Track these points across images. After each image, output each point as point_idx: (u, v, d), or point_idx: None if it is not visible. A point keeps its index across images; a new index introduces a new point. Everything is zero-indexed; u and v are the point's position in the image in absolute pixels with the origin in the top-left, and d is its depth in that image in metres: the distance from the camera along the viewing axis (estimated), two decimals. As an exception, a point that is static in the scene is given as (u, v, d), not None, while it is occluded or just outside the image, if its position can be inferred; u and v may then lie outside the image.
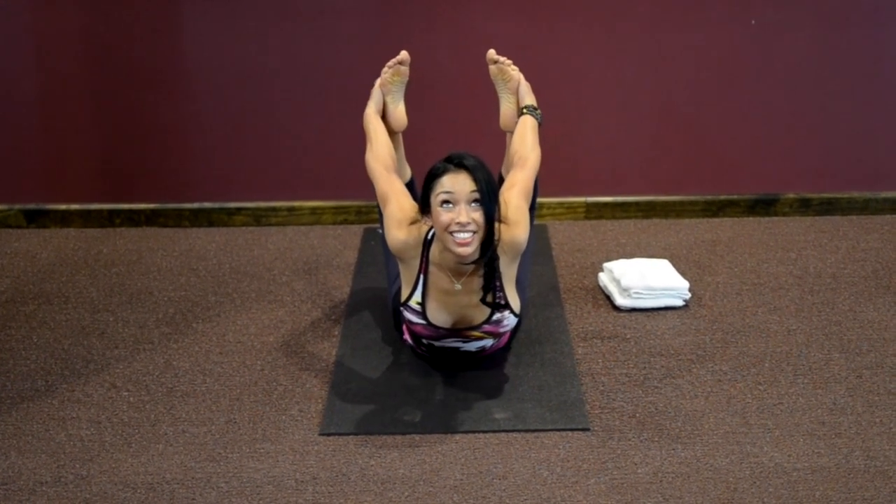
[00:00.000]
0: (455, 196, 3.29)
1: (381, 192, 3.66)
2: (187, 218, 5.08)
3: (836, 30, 4.86)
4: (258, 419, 3.45)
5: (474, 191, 3.29)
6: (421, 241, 3.47)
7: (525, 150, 3.76)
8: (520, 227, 3.47)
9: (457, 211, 3.29)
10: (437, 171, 3.35)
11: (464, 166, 3.31)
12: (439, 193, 3.31)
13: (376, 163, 3.74)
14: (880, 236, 4.86)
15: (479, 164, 3.34)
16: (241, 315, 4.18)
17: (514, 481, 3.11)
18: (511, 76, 3.98)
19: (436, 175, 3.34)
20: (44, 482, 3.14)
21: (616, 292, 4.22)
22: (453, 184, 3.30)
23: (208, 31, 4.82)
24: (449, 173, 3.31)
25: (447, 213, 3.30)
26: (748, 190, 5.10)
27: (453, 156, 3.36)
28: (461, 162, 3.32)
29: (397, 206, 3.55)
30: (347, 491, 3.08)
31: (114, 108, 4.93)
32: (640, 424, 3.40)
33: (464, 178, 3.29)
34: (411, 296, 3.53)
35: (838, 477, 3.12)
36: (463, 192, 3.29)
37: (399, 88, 4.02)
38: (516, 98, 4.00)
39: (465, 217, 3.28)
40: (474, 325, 3.55)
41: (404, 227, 3.48)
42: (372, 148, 3.81)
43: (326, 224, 5.09)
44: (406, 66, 3.99)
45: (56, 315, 4.20)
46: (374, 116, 3.93)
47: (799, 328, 4.02)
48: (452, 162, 3.34)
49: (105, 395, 3.62)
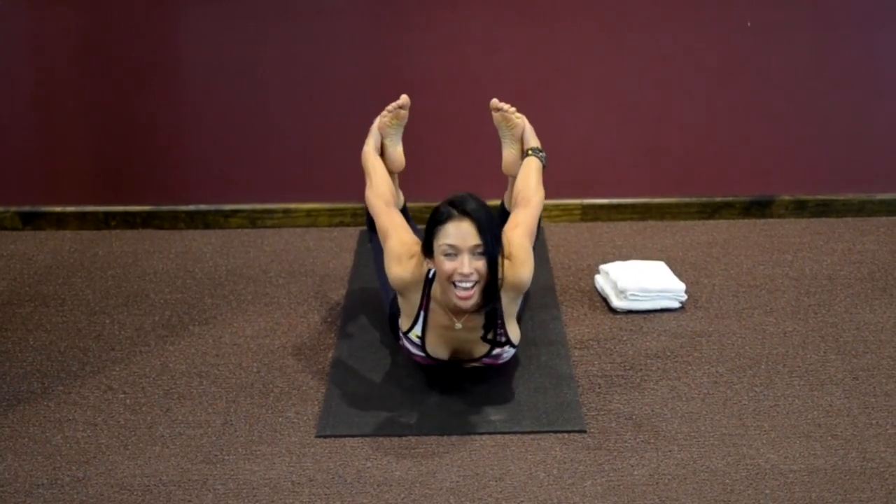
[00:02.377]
0: (458, 247, 3.27)
1: (381, 227, 3.66)
2: (183, 220, 5.08)
3: (831, 32, 4.87)
4: (254, 421, 3.45)
5: (478, 241, 3.27)
6: (422, 279, 3.46)
7: (529, 191, 3.78)
8: (524, 266, 3.47)
9: (460, 261, 3.28)
10: (440, 218, 3.30)
11: (467, 214, 3.27)
12: (442, 244, 3.29)
13: (377, 199, 3.76)
14: (876, 238, 4.87)
15: (482, 209, 3.30)
16: (237, 317, 4.18)
17: (510, 483, 3.11)
18: (515, 124, 4.02)
19: (439, 222, 3.30)
20: (40, 484, 3.14)
21: (612, 294, 4.22)
22: (457, 233, 3.26)
23: (204, 33, 4.82)
24: (452, 221, 3.27)
25: (450, 263, 3.29)
26: (744, 192, 5.11)
27: (456, 201, 3.31)
28: (464, 209, 3.27)
29: (398, 240, 3.55)
30: (344, 493, 3.08)
31: (109, 110, 4.93)
32: (637, 426, 3.40)
33: (467, 226, 3.26)
34: (411, 329, 3.54)
35: (834, 478, 3.12)
36: (466, 242, 3.26)
37: (397, 131, 4.04)
38: (520, 145, 4.03)
39: (467, 268, 3.27)
40: (474, 357, 3.58)
41: (404, 262, 3.48)
42: (371, 184, 3.83)
43: (322, 226, 5.09)
44: (406, 110, 3.99)
45: (52, 317, 4.20)
46: (372, 154, 3.95)
47: (795, 330, 4.02)
48: (456, 208, 3.29)
49: (101, 397, 3.62)
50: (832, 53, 4.90)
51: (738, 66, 4.92)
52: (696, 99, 4.97)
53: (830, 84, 4.96)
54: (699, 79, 4.94)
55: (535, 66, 4.90)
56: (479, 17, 4.82)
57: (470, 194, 3.34)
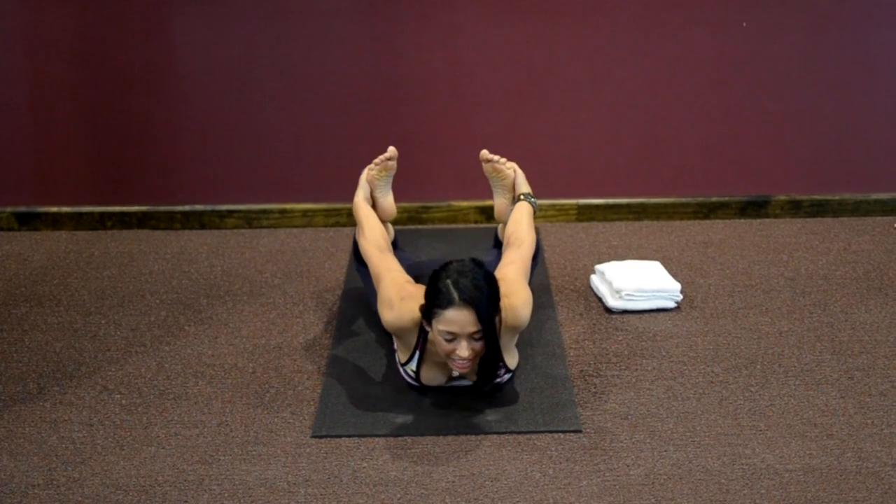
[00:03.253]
0: (458, 333, 3.27)
1: (374, 272, 3.67)
2: (179, 220, 5.08)
3: (826, 32, 4.87)
4: (250, 421, 3.45)
5: (477, 328, 3.26)
6: (417, 324, 3.44)
7: (521, 232, 3.81)
8: (523, 305, 3.48)
9: (458, 344, 3.28)
10: (441, 303, 3.26)
11: (468, 302, 3.23)
12: (442, 329, 3.28)
13: (370, 246, 3.77)
14: (871, 238, 4.87)
15: (481, 290, 3.25)
16: (232, 317, 4.18)
17: (506, 483, 3.11)
18: (506, 175, 4.03)
19: (440, 305, 3.26)
20: (36, 485, 3.14)
21: (608, 294, 4.22)
22: (457, 320, 3.24)
23: (200, 33, 4.82)
24: (453, 308, 3.23)
25: (449, 345, 3.30)
26: (739, 192, 5.11)
27: (461, 286, 3.24)
28: (465, 298, 3.23)
29: (391, 281, 3.55)
30: (340, 493, 3.08)
31: (105, 110, 4.93)
32: (632, 426, 3.40)
33: (467, 315, 3.23)
34: (407, 363, 3.55)
35: (830, 478, 3.12)
36: (465, 329, 3.25)
37: (387, 182, 4.05)
38: (511, 194, 4.05)
39: (466, 352, 3.29)
40: (469, 384, 3.60)
41: (396, 305, 3.45)
42: (364, 233, 3.83)
43: (318, 226, 5.09)
44: (394, 161, 4.00)
45: (48, 318, 4.20)
46: (362, 204, 3.95)
47: (791, 330, 4.02)
48: (457, 295, 3.23)
49: (97, 397, 3.61)
50: (827, 54, 4.91)
51: (734, 66, 4.93)
52: (692, 99, 4.97)
53: (826, 84, 4.96)
54: (695, 79, 4.95)
55: (531, 66, 4.90)
56: (475, 17, 4.82)
57: (471, 268, 3.29)
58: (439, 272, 3.32)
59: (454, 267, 3.30)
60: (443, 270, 3.31)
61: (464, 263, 3.31)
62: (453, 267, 3.31)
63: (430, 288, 3.32)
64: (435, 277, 3.31)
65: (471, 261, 3.34)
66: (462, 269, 3.29)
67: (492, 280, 3.32)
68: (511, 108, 4.96)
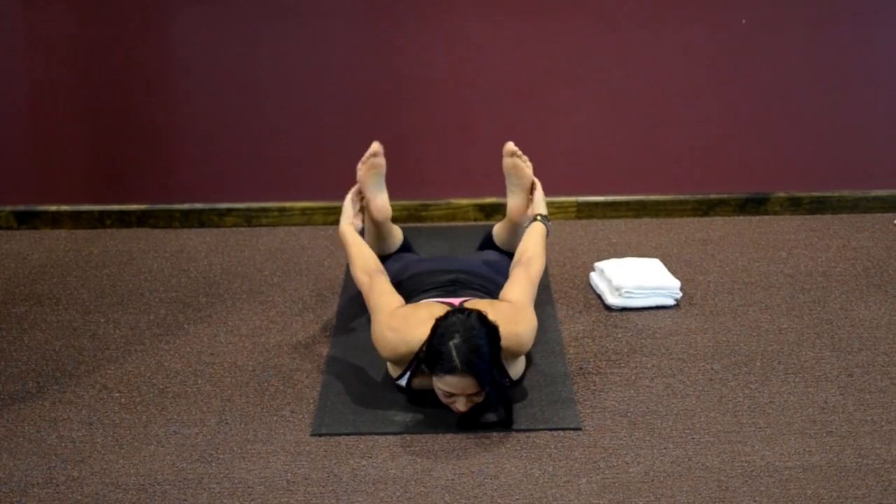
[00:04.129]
0: (457, 393, 3.28)
1: (366, 300, 3.68)
2: (178, 219, 5.08)
3: (826, 29, 4.87)
4: (250, 420, 3.45)
5: (476, 390, 3.27)
6: (411, 353, 3.43)
7: (533, 252, 3.79)
8: (524, 336, 3.49)
9: (457, 399, 3.30)
10: (442, 367, 3.24)
11: (470, 371, 3.22)
12: (441, 387, 3.29)
13: (361, 273, 3.76)
14: (871, 235, 4.87)
15: (484, 358, 3.23)
16: (232, 316, 4.18)
17: (505, 481, 3.11)
18: (525, 174, 4.03)
19: (440, 370, 3.24)
20: (35, 484, 3.13)
21: (607, 291, 4.22)
22: (457, 385, 3.25)
23: (199, 31, 4.82)
24: (455, 374, 3.22)
25: (447, 398, 3.32)
26: (739, 189, 5.11)
27: (462, 353, 3.21)
28: (466, 366, 3.21)
29: (382, 313, 3.52)
30: (339, 491, 3.08)
31: (104, 109, 4.93)
32: (632, 424, 3.40)
33: (468, 380, 3.23)
34: (398, 379, 3.54)
35: (830, 475, 3.12)
36: (465, 392, 3.27)
37: (378, 180, 4.04)
38: (526, 195, 4.05)
39: (463, 408, 3.31)
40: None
41: (390, 340, 3.44)
42: (354, 263, 3.81)
43: (317, 224, 5.08)
44: (380, 157, 4.00)
45: (47, 316, 4.19)
46: (346, 230, 3.92)
47: (790, 327, 4.02)
48: (459, 364, 3.20)
49: (96, 396, 3.61)
50: (827, 51, 4.91)
51: (733, 63, 4.93)
52: (691, 96, 4.97)
53: (825, 81, 4.96)
54: (694, 76, 4.94)
55: (530, 64, 4.90)
56: (474, 16, 4.82)
57: (474, 328, 3.26)
58: (442, 329, 3.27)
59: (457, 325, 3.26)
60: (445, 329, 3.27)
61: (467, 321, 3.28)
62: (456, 325, 3.26)
63: (430, 345, 3.29)
64: (436, 335, 3.27)
65: (476, 317, 3.30)
66: (465, 329, 3.25)
67: (494, 336, 3.29)
68: (510, 105, 4.95)
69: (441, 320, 3.31)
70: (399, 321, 3.47)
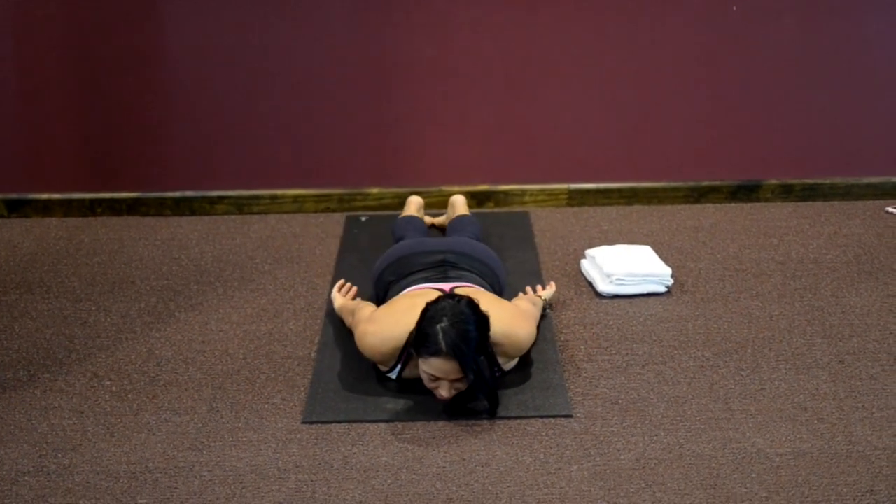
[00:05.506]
0: (441, 378, 3.28)
1: (351, 327, 3.75)
2: (169, 207, 5.07)
3: (817, 16, 4.86)
4: (241, 408, 3.45)
5: (459, 376, 3.27)
6: (399, 347, 3.44)
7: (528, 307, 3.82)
8: (523, 342, 3.51)
9: (440, 384, 3.30)
10: (427, 349, 3.24)
11: (455, 355, 3.22)
12: (426, 371, 3.29)
13: (348, 316, 3.85)
14: (862, 222, 4.87)
15: (470, 344, 3.24)
16: (223, 304, 4.18)
17: (496, 468, 3.11)
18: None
19: (426, 351, 3.25)
20: (26, 472, 3.13)
21: (598, 279, 4.22)
22: (441, 368, 3.25)
23: (189, 19, 4.80)
24: (439, 357, 3.23)
25: (431, 382, 3.32)
26: (730, 176, 5.11)
27: (449, 336, 3.21)
28: (451, 349, 3.21)
29: (361, 317, 3.61)
30: (330, 478, 3.08)
31: (95, 97, 4.91)
32: (623, 411, 3.40)
33: (452, 364, 3.23)
34: (389, 372, 3.55)
35: (820, 462, 3.13)
36: (449, 376, 3.27)
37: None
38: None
39: (446, 394, 3.31)
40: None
41: (371, 341, 3.47)
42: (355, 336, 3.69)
43: (309, 212, 5.08)
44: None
45: (38, 305, 4.19)
46: (343, 303, 4.00)
47: (781, 314, 4.03)
48: (444, 346, 3.21)
49: (87, 384, 3.61)
50: (818, 38, 4.90)
51: (725, 49, 4.92)
52: (683, 83, 4.97)
53: (817, 68, 4.95)
54: (685, 63, 4.94)
55: (522, 51, 4.89)
56: (465, 2, 4.81)
57: (464, 313, 3.27)
58: (432, 313, 3.28)
59: (447, 309, 3.27)
60: (435, 312, 3.28)
61: (457, 306, 3.29)
62: (446, 309, 3.27)
63: (419, 326, 3.29)
64: (427, 317, 3.28)
65: (466, 303, 3.31)
66: (454, 313, 3.26)
67: (483, 324, 3.30)
68: (502, 93, 4.94)
69: (432, 304, 3.32)
70: (378, 324, 3.50)
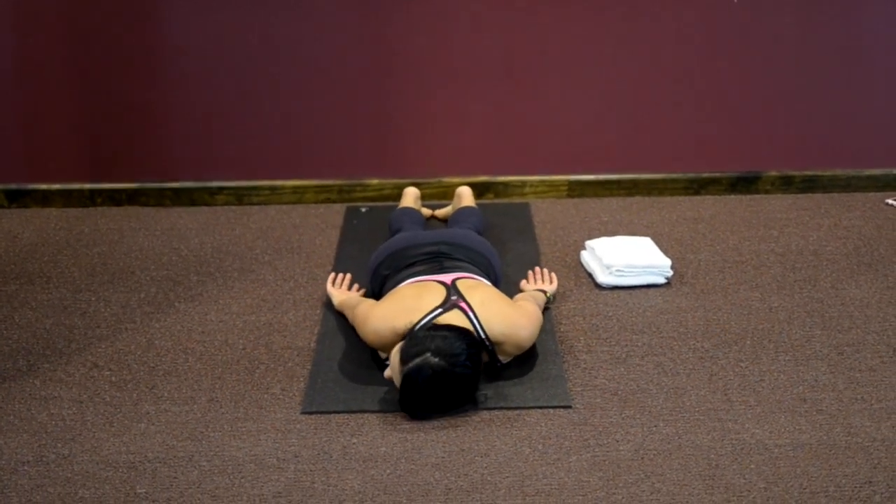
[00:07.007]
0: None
1: (353, 321, 3.74)
2: (169, 197, 5.07)
3: (818, 8, 4.86)
4: (240, 398, 3.45)
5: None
6: (401, 336, 3.42)
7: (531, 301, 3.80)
8: (524, 343, 3.52)
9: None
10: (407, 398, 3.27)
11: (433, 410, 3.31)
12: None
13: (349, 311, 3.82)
14: (862, 214, 4.87)
15: (454, 397, 3.30)
16: (223, 294, 4.18)
17: (495, 459, 3.12)
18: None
19: (404, 400, 3.29)
20: (25, 462, 3.14)
21: (598, 270, 4.22)
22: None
23: (190, 10, 4.79)
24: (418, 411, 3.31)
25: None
26: (730, 168, 5.11)
27: (428, 397, 3.26)
28: (430, 408, 3.30)
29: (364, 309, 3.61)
30: (329, 469, 3.08)
31: (95, 87, 4.91)
32: (622, 401, 3.41)
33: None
34: (387, 360, 3.53)
35: (819, 453, 3.13)
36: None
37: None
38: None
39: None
40: None
41: (377, 325, 3.48)
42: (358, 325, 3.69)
43: (308, 203, 5.08)
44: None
45: (38, 295, 4.19)
46: (341, 298, 4.00)
47: (781, 305, 4.03)
48: (423, 407, 3.29)
49: (87, 374, 3.61)
50: (819, 29, 4.89)
51: (725, 41, 4.91)
52: (683, 75, 4.96)
53: (817, 60, 4.95)
54: (686, 55, 4.93)
55: (521, 42, 4.88)
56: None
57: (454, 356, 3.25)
58: (419, 349, 3.24)
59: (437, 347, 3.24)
60: (421, 353, 3.23)
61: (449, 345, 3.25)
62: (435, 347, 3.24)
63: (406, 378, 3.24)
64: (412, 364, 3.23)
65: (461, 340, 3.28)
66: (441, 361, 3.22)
67: (476, 362, 3.30)
68: (502, 84, 4.94)
69: (420, 340, 3.27)
70: (383, 308, 3.52)
